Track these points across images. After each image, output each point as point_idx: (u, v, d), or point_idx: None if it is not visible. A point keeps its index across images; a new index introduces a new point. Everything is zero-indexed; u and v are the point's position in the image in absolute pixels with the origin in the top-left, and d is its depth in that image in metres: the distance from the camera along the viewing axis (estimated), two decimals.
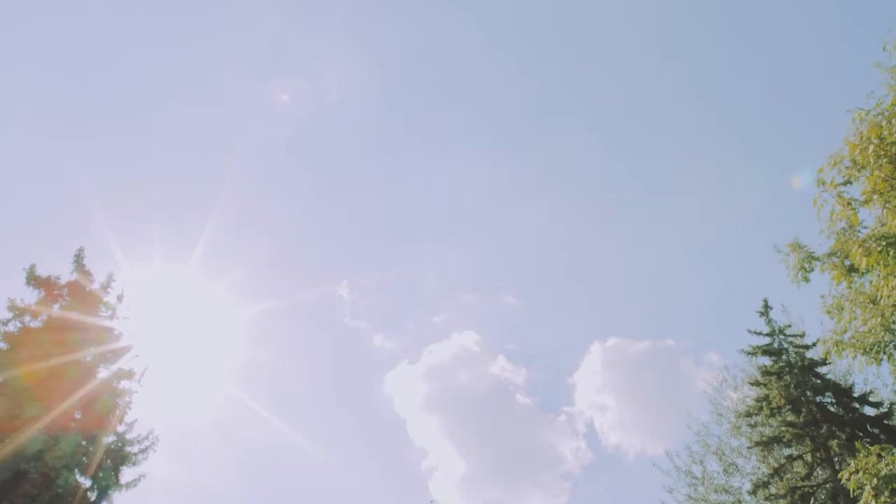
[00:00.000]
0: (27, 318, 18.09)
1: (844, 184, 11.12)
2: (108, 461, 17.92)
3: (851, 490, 11.74)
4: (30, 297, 18.83)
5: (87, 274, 19.66)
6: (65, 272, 19.68)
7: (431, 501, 33.62)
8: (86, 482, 18.19)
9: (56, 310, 18.56)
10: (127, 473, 21.78)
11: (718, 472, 26.36)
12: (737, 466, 26.24)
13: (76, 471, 18.45)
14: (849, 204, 11.23)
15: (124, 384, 20.14)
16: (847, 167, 10.93)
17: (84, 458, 18.42)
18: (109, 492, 17.84)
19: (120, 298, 21.01)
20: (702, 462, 26.65)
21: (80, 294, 19.22)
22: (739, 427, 24.09)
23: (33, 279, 18.94)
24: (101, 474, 17.64)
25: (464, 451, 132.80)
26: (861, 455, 11.39)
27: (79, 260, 19.89)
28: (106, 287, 20.85)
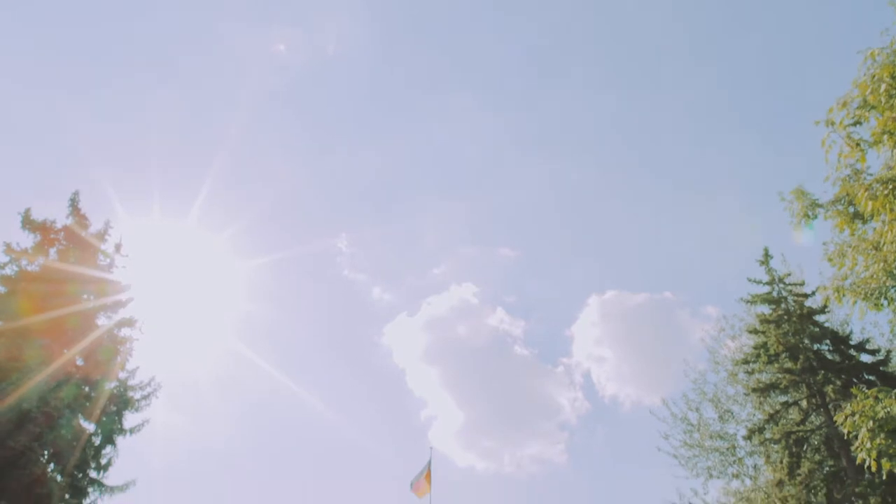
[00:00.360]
0: (24, 262, 18.00)
1: (854, 124, 10.89)
2: (112, 406, 18.08)
3: (846, 433, 11.83)
4: (26, 241, 18.71)
5: (83, 218, 19.49)
6: (61, 217, 19.52)
7: (431, 448, 34.26)
8: (89, 426, 18.38)
9: (52, 254, 18.46)
10: (130, 419, 22.06)
11: (714, 419, 26.77)
12: (732, 414, 26.62)
13: (79, 415, 18.64)
14: (857, 145, 11.01)
15: (125, 332, 20.20)
16: (857, 108, 10.68)
17: (86, 403, 18.57)
18: (113, 436, 18.05)
19: (118, 248, 20.90)
20: (698, 409, 27.02)
21: (77, 240, 19.09)
22: (736, 374, 24.33)
23: (28, 223, 18.78)
24: (104, 419, 17.81)
25: (462, 401, 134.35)
26: (858, 398, 11.45)
27: (74, 204, 19.69)
28: (103, 235, 20.71)
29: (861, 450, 11.42)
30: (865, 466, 11.40)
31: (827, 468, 18.12)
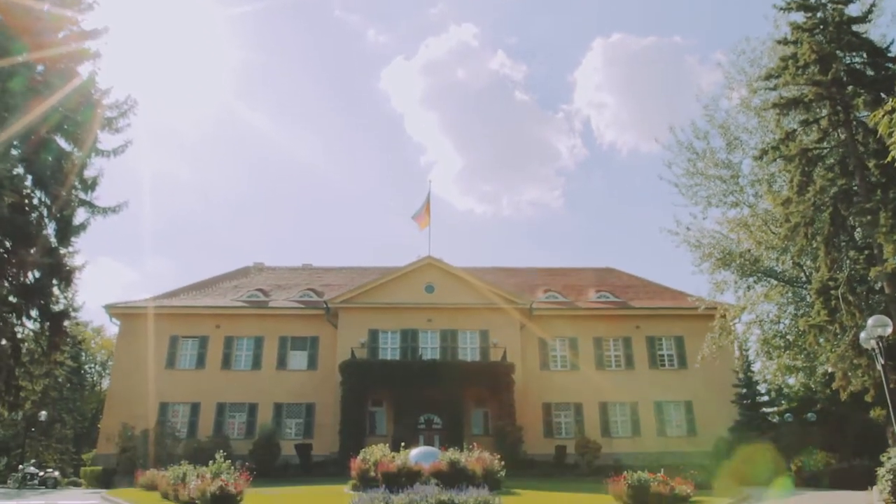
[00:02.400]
0: None
1: None
2: (84, 123, 16.94)
3: (882, 131, 10.76)
4: None
5: None
6: None
7: (430, 181, 34.08)
8: (67, 146, 17.45)
9: None
10: (110, 140, 21.12)
11: (721, 148, 26.08)
12: (741, 142, 25.86)
13: (57, 136, 17.61)
14: None
15: (90, 45, 18.25)
16: None
17: (65, 126, 17.41)
18: (92, 154, 17.18)
19: None
20: (705, 137, 26.20)
21: None
22: (755, 92, 22.97)
23: None
24: (79, 135, 16.80)
25: (462, 146, 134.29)
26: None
27: None
28: None
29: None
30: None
31: (837, 187, 17.60)
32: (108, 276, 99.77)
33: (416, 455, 20.04)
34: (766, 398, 35.43)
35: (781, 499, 20.71)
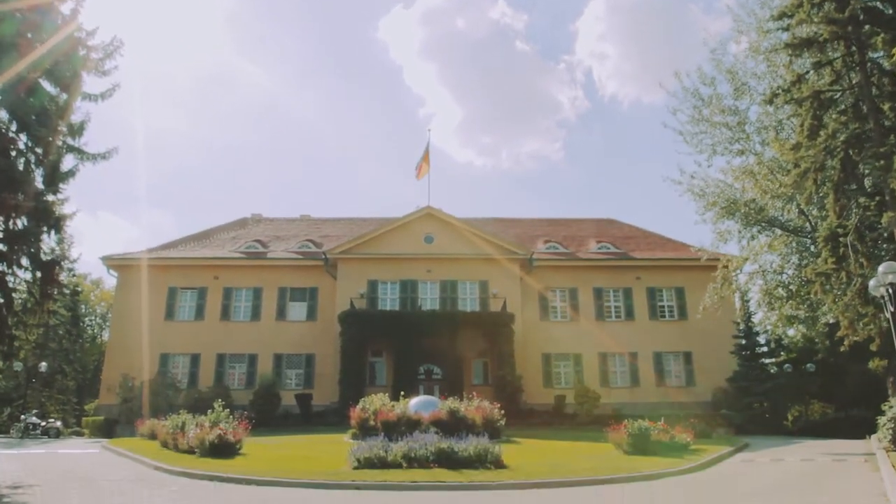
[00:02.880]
0: None
1: None
2: (68, 65, 16.23)
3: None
4: None
5: None
6: None
7: (429, 130, 33.38)
8: (52, 89, 16.79)
9: None
10: (97, 84, 20.43)
11: (728, 94, 25.34)
12: (748, 88, 25.10)
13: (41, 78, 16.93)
14: None
15: None
16: None
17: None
18: (76, 95, 16.51)
19: None
20: (712, 83, 25.43)
21: None
22: (766, 34, 22.16)
23: None
24: (62, 74, 16.12)
25: (461, 98, 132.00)
26: None
27: None
28: None
29: None
30: None
31: (849, 131, 17.03)
32: (110, 231, 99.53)
33: (416, 404, 19.99)
34: (765, 349, 35.52)
35: (780, 447, 20.79)
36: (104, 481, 12.69)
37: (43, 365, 33.94)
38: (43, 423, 31.57)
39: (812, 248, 22.72)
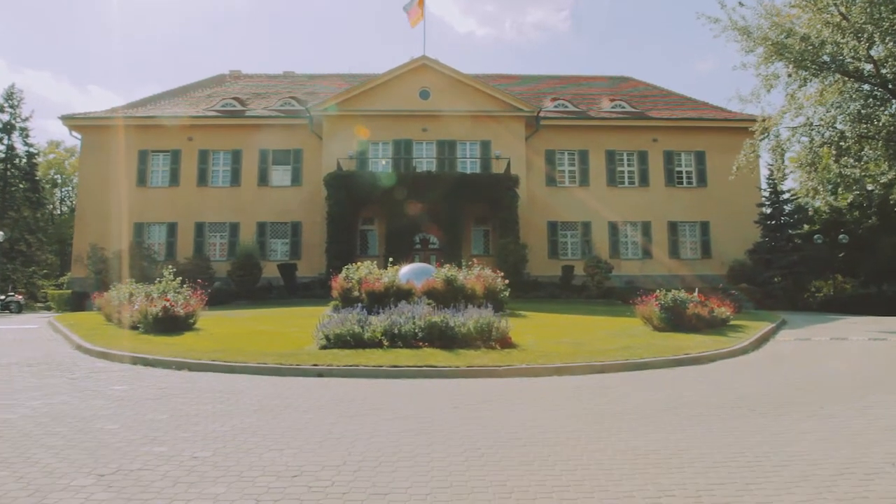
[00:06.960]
0: None
1: None
2: None
3: None
4: None
5: None
6: None
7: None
8: None
9: None
10: None
11: None
12: None
13: None
14: None
15: None
16: None
17: None
18: None
19: None
20: None
21: None
22: None
23: None
24: None
25: None
26: None
27: None
28: None
29: None
30: None
31: None
32: (95, 103, 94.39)
33: (407, 272, 17.32)
34: (790, 220, 32.61)
35: (818, 325, 18.32)
36: None
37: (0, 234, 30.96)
38: (2, 297, 29.14)
39: (877, 93, 19.20)
